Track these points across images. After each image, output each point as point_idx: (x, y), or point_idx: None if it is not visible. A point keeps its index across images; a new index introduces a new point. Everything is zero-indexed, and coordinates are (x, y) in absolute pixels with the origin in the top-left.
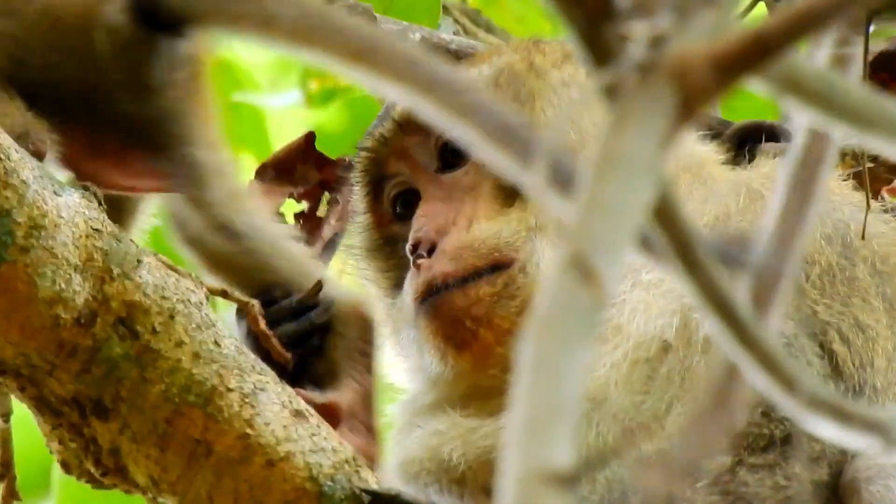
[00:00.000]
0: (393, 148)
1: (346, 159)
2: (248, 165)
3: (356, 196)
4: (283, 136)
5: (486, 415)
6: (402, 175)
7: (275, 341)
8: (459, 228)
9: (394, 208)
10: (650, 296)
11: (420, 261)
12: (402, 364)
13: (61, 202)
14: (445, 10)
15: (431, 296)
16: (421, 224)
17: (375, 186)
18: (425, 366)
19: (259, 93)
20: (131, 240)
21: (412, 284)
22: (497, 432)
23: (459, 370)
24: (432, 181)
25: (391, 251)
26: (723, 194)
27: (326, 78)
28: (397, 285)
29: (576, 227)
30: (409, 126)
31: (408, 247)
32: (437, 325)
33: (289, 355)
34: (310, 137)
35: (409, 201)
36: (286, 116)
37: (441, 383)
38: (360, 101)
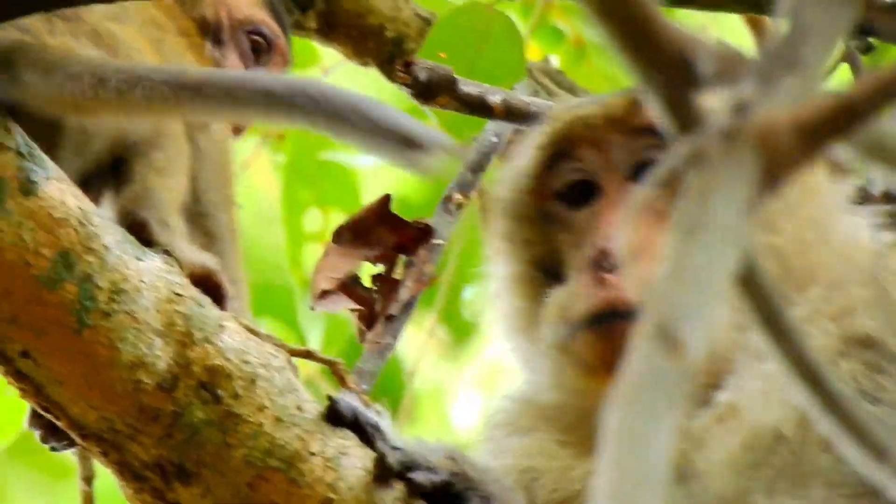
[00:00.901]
0: (591, 134)
1: (422, 222)
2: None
3: (522, 154)
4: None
5: (584, 448)
6: (587, 163)
7: (365, 398)
8: (651, 258)
9: (565, 190)
10: (771, 385)
11: (605, 275)
12: (513, 355)
13: (143, 267)
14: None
15: (606, 318)
16: (615, 235)
17: (552, 158)
18: (553, 375)
19: (348, 151)
20: (213, 304)
21: (583, 293)
22: (588, 478)
23: (590, 398)
24: (621, 186)
25: (539, 225)
26: (854, 280)
27: None
28: (534, 263)
29: (660, 295)
30: (618, 122)
31: (593, 252)
32: (601, 349)
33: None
34: (385, 200)
35: (583, 191)
36: (376, 175)
37: (558, 401)
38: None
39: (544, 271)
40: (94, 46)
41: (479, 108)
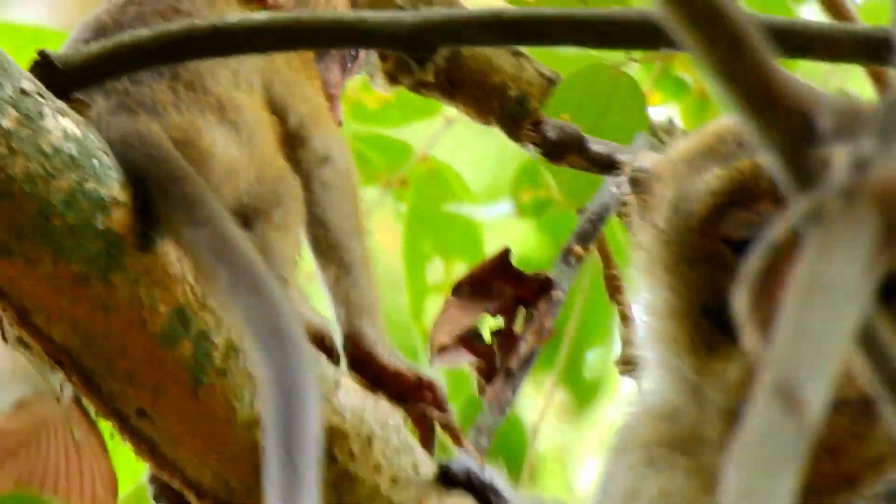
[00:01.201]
0: (772, 189)
1: (542, 275)
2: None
3: (691, 192)
4: (495, 247)
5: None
6: (764, 216)
7: (479, 457)
8: (773, 315)
9: (736, 240)
10: None
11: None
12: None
13: None
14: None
15: None
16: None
17: (727, 206)
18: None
19: (473, 203)
20: (328, 361)
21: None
22: None
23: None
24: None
25: (704, 264)
26: None
27: (539, 189)
28: (695, 299)
29: (779, 354)
30: None
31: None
32: None
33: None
34: (505, 254)
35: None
36: (499, 228)
37: (697, 432)
38: (561, 216)
39: (706, 309)
40: (218, 123)
41: (607, 166)
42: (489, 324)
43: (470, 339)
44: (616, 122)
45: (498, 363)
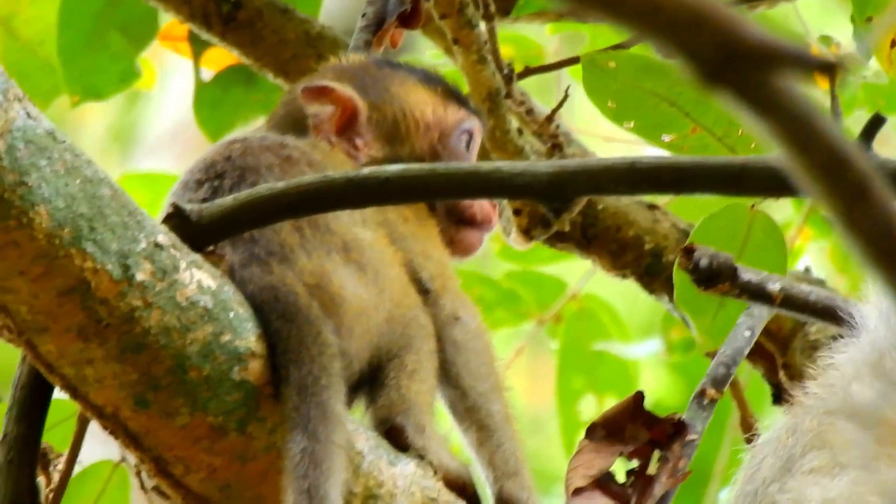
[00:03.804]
0: None
1: (676, 417)
2: None
3: None
4: (645, 384)
5: None
6: None
7: None
8: None
9: None
10: None
11: None
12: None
13: (397, 472)
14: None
15: None
16: None
17: None
18: None
19: (626, 340)
20: None
21: None
22: None
23: None
24: None
25: None
26: None
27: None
28: None
29: None
30: None
31: None
32: None
33: None
34: (639, 397)
35: None
36: (650, 366)
37: None
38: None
39: None
40: (344, 264)
41: (758, 295)
42: (624, 465)
43: (605, 482)
44: (754, 262)
45: None
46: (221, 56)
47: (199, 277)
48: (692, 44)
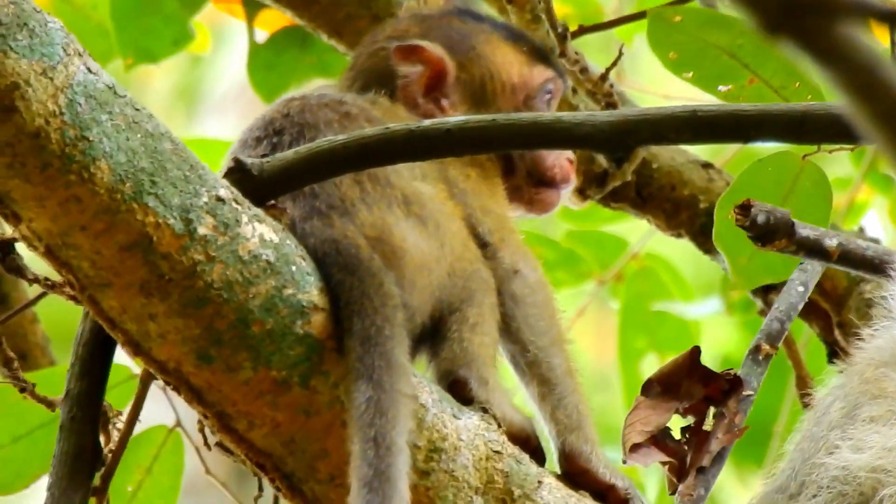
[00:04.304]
0: None
1: (731, 373)
2: None
3: None
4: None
5: None
6: None
7: None
8: None
9: None
10: None
11: None
12: None
13: (461, 425)
14: None
15: None
16: None
17: None
18: None
19: (687, 299)
20: (531, 460)
21: None
22: None
23: None
24: None
25: None
26: None
27: None
28: None
29: None
30: None
31: None
32: None
33: None
34: (695, 353)
35: None
36: (711, 324)
37: None
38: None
39: None
40: (405, 217)
41: (815, 251)
42: (679, 422)
43: (661, 438)
44: (797, 212)
45: (689, 461)
46: (275, 17)
47: (260, 231)
48: None
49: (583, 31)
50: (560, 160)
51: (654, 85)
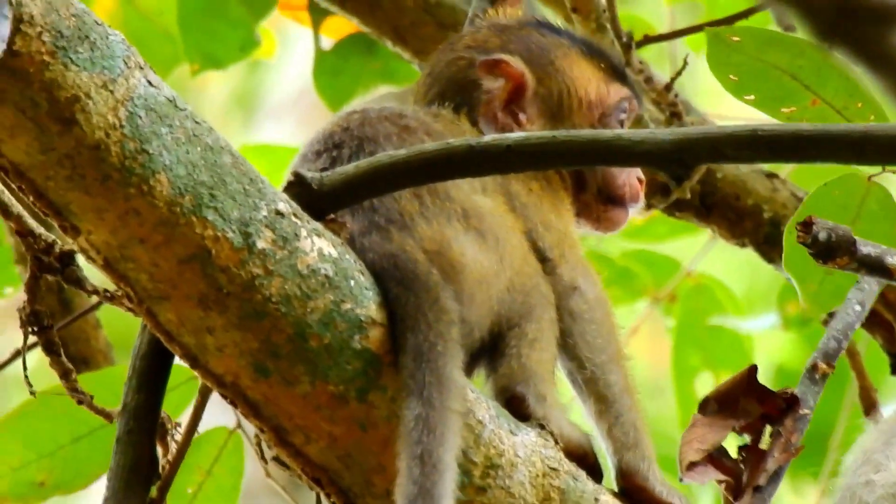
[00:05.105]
0: None
1: (788, 392)
2: None
3: None
4: (760, 359)
5: None
6: None
7: None
8: None
9: None
10: None
11: None
12: None
13: (517, 441)
14: None
15: None
16: None
17: None
18: None
19: (740, 316)
20: (588, 477)
21: None
22: None
23: None
24: None
25: None
26: None
27: None
28: None
29: None
30: None
31: None
32: None
33: None
34: (752, 371)
35: None
36: (766, 339)
37: None
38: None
39: None
40: (464, 231)
41: (877, 269)
42: (735, 440)
43: (717, 456)
44: (865, 234)
45: (745, 480)
46: (341, 24)
47: (319, 245)
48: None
49: (647, 40)
50: (631, 179)
51: (708, 99)
